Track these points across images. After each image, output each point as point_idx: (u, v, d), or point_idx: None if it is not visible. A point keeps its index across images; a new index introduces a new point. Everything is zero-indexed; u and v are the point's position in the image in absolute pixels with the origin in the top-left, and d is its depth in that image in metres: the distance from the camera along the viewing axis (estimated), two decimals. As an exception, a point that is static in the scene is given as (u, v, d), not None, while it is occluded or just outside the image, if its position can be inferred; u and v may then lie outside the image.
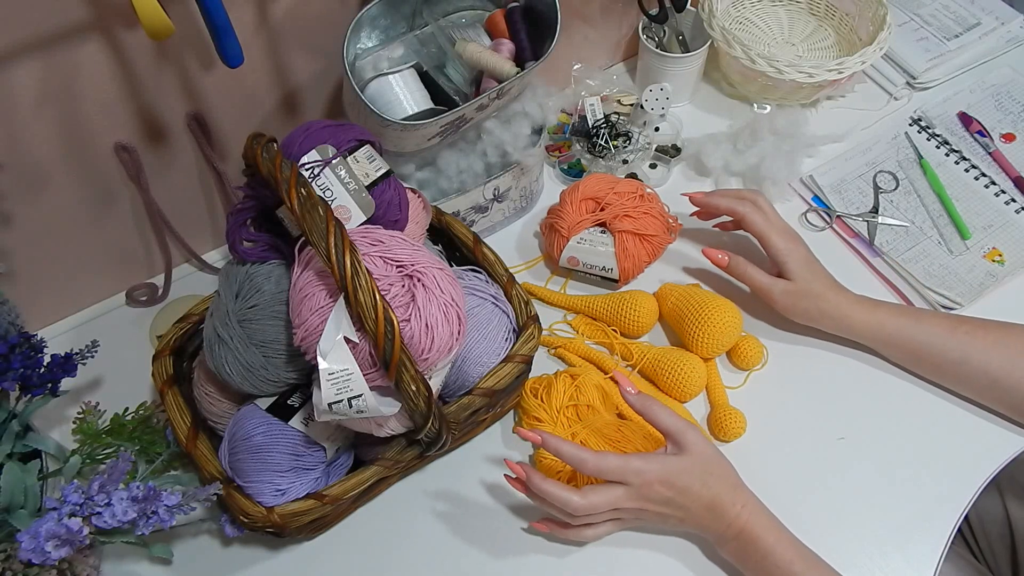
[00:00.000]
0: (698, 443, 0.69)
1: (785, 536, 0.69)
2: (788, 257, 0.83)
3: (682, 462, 0.69)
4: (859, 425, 0.83)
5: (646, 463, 0.68)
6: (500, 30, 0.86)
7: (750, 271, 0.85)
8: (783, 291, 0.83)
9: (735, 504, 0.69)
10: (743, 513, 0.69)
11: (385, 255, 0.63)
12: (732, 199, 0.87)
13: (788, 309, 0.84)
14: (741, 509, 0.69)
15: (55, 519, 0.59)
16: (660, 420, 0.70)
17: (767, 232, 0.84)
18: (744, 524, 0.69)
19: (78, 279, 0.91)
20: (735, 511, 0.69)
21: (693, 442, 0.69)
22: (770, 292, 0.84)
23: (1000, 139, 1.04)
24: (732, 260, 0.86)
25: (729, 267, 0.86)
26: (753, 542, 0.69)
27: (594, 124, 1.03)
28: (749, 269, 0.85)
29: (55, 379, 0.71)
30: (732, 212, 0.87)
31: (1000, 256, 0.94)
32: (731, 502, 0.69)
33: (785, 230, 0.85)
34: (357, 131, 0.71)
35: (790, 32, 1.15)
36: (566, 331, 0.92)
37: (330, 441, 0.72)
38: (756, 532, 0.69)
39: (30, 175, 0.78)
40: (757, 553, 0.69)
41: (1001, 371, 0.78)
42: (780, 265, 0.84)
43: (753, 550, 0.69)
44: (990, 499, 0.92)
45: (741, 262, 0.86)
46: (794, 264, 0.83)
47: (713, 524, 0.71)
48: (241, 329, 0.68)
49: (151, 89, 0.78)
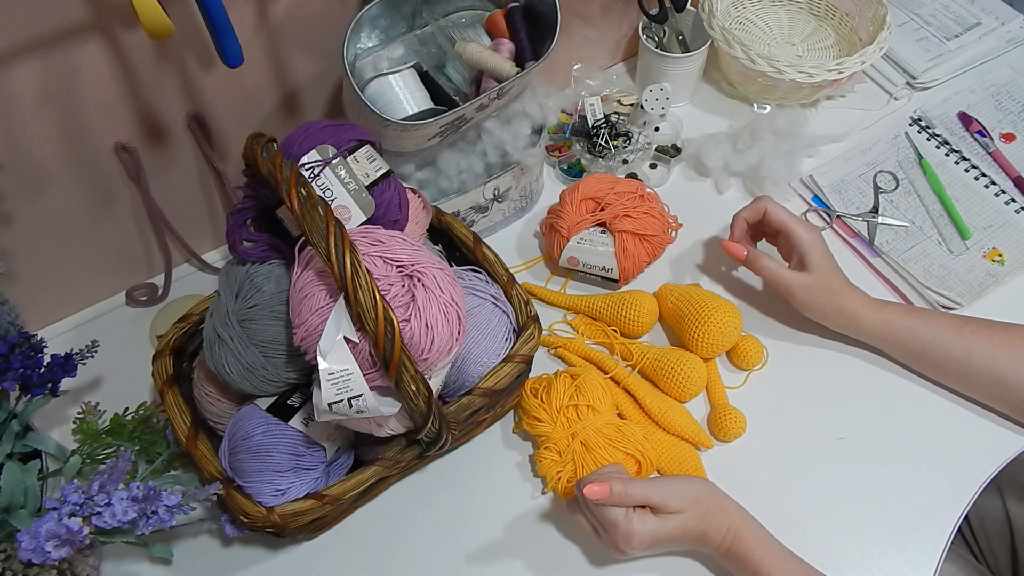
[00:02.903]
0: (674, 500, 0.69)
1: (772, 553, 0.70)
2: (811, 248, 0.83)
3: (665, 527, 0.69)
4: (859, 425, 0.83)
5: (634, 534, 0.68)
6: (500, 30, 0.86)
7: (770, 264, 0.85)
8: (802, 285, 0.83)
9: (718, 531, 0.70)
10: (728, 537, 0.70)
11: (385, 255, 0.63)
12: (748, 207, 0.88)
13: (805, 304, 0.84)
14: (726, 533, 0.70)
15: (55, 519, 0.59)
16: (636, 497, 0.69)
17: (792, 223, 0.84)
18: (730, 547, 0.70)
19: (78, 279, 0.91)
20: (719, 538, 0.70)
21: (674, 507, 0.69)
22: (789, 286, 0.83)
23: (1000, 139, 1.04)
24: (751, 253, 0.86)
25: (748, 260, 0.86)
26: (741, 561, 0.70)
27: (594, 124, 1.03)
28: (768, 263, 0.85)
29: (55, 379, 0.71)
30: (754, 214, 0.87)
31: (1000, 256, 0.94)
32: (715, 530, 0.70)
33: (805, 222, 0.85)
34: (357, 131, 0.71)
35: (790, 32, 1.15)
36: (566, 331, 0.92)
37: (330, 441, 0.72)
38: (742, 552, 0.69)
39: (30, 175, 0.78)
40: (746, 571, 0.70)
41: (1006, 371, 0.78)
42: (803, 255, 0.83)
43: (742, 568, 0.70)
44: (990, 499, 0.92)
45: (760, 255, 0.85)
46: (816, 256, 0.83)
47: (704, 548, 0.72)
48: (241, 329, 0.68)
49: (151, 89, 0.78)
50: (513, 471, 0.82)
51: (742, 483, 0.79)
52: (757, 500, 0.76)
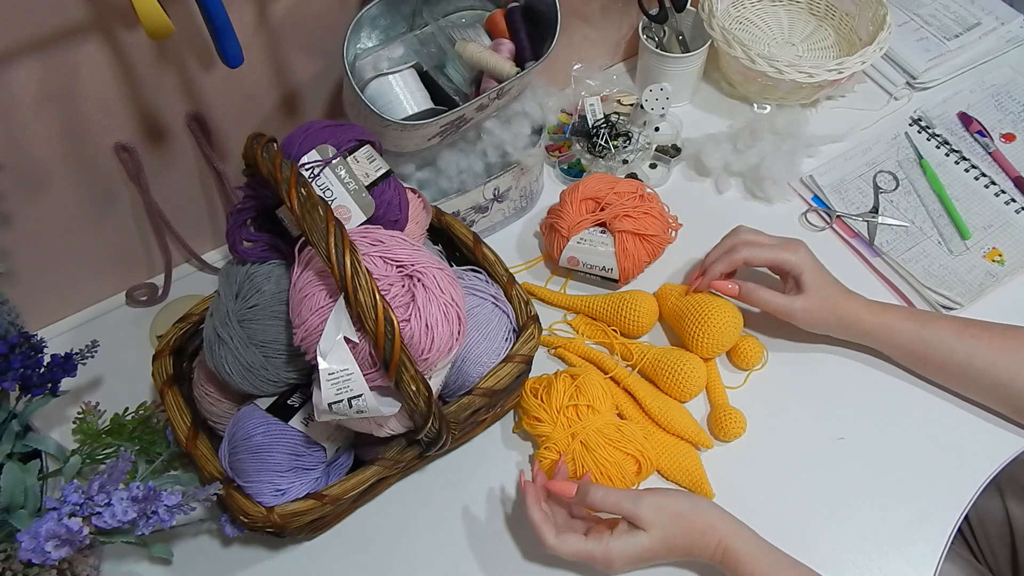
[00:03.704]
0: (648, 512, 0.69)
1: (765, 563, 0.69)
2: (802, 269, 0.83)
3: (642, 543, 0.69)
4: (859, 425, 0.83)
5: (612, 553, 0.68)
6: (500, 30, 0.86)
7: (765, 295, 0.85)
8: (803, 308, 0.83)
9: (707, 548, 0.70)
10: (717, 552, 0.70)
11: (385, 255, 0.63)
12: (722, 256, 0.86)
13: (809, 324, 0.84)
14: (715, 549, 0.70)
15: (55, 519, 0.59)
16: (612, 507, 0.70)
17: (774, 256, 0.84)
18: (722, 558, 0.70)
19: (78, 279, 0.91)
20: (708, 553, 0.70)
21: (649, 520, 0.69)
22: (791, 312, 0.84)
23: (1000, 139, 1.04)
24: (744, 288, 0.85)
25: (742, 295, 0.86)
26: (735, 569, 0.69)
27: (594, 124, 1.03)
28: (763, 294, 0.85)
29: (55, 379, 0.71)
30: (732, 267, 0.86)
31: (1000, 256, 0.94)
32: (702, 546, 0.70)
33: (785, 243, 0.85)
34: (357, 131, 0.71)
35: (790, 32, 1.15)
36: (566, 331, 0.92)
37: (330, 441, 0.72)
38: (733, 566, 0.69)
39: (30, 175, 0.78)
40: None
41: (1007, 374, 0.78)
42: (796, 278, 0.84)
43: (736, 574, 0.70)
44: (990, 499, 0.92)
45: (753, 288, 0.85)
46: (809, 275, 0.83)
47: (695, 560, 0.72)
48: (241, 329, 0.68)
49: (151, 89, 0.78)
50: (513, 471, 0.82)
51: (742, 483, 0.79)
52: (756, 500, 0.76)
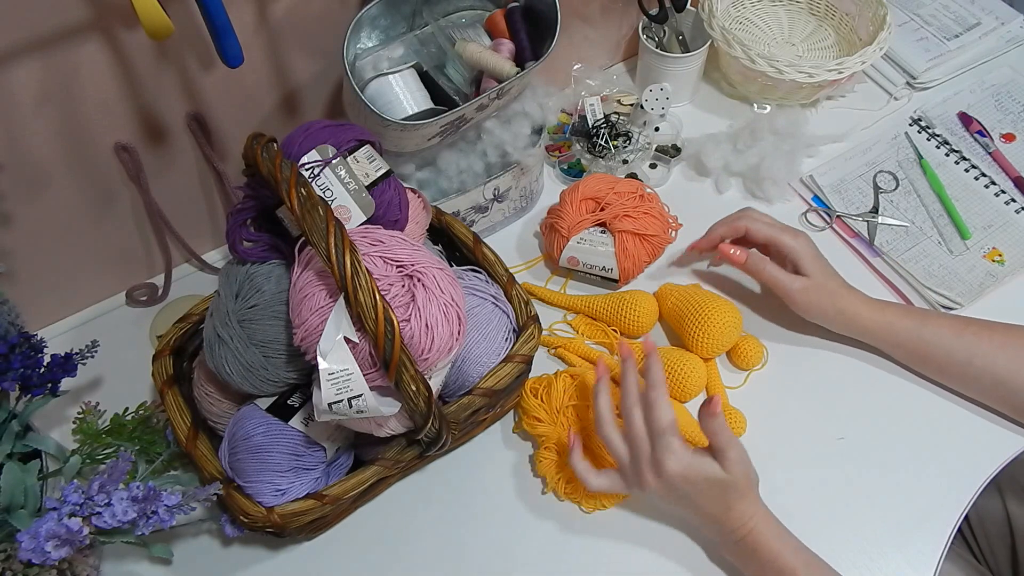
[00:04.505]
0: (736, 463, 0.69)
1: (790, 544, 0.69)
2: (802, 254, 0.83)
3: (696, 465, 0.68)
4: (859, 425, 0.83)
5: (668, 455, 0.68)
6: (500, 30, 0.86)
7: (769, 268, 0.84)
8: (802, 288, 0.83)
9: (744, 514, 0.70)
10: (748, 522, 0.70)
11: (385, 255, 0.63)
12: (727, 224, 0.87)
13: (806, 307, 0.84)
14: (748, 519, 0.69)
15: (55, 519, 0.59)
16: (715, 435, 0.69)
17: (777, 235, 0.84)
18: (748, 532, 0.69)
19: (78, 279, 0.91)
20: (742, 520, 0.70)
21: (734, 460, 0.68)
22: (789, 289, 0.83)
23: (1000, 139, 1.04)
24: (750, 257, 0.85)
25: (747, 264, 0.85)
26: (756, 549, 0.69)
27: (594, 124, 1.03)
28: (768, 266, 0.84)
29: (55, 379, 0.71)
30: (734, 232, 0.87)
31: (1000, 256, 0.94)
32: (739, 512, 0.69)
33: (790, 229, 0.85)
34: (357, 131, 0.71)
35: (790, 32, 1.15)
36: (566, 331, 0.92)
37: (330, 441, 0.72)
38: (760, 540, 0.69)
39: (30, 175, 0.78)
40: (757, 561, 0.69)
41: (1007, 373, 0.78)
42: (796, 262, 0.83)
43: (754, 557, 0.70)
44: (990, 499, 0.92)
45: (760, 258, 0.85)
46: (809, 261, 0.83)
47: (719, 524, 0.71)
48: (241, 329, 0.68)
49: (151, 89, 0.78)
50: (513, 471, 0.82)
51: (742, 483, 0.79)
52: (757, 500, 0.76)
